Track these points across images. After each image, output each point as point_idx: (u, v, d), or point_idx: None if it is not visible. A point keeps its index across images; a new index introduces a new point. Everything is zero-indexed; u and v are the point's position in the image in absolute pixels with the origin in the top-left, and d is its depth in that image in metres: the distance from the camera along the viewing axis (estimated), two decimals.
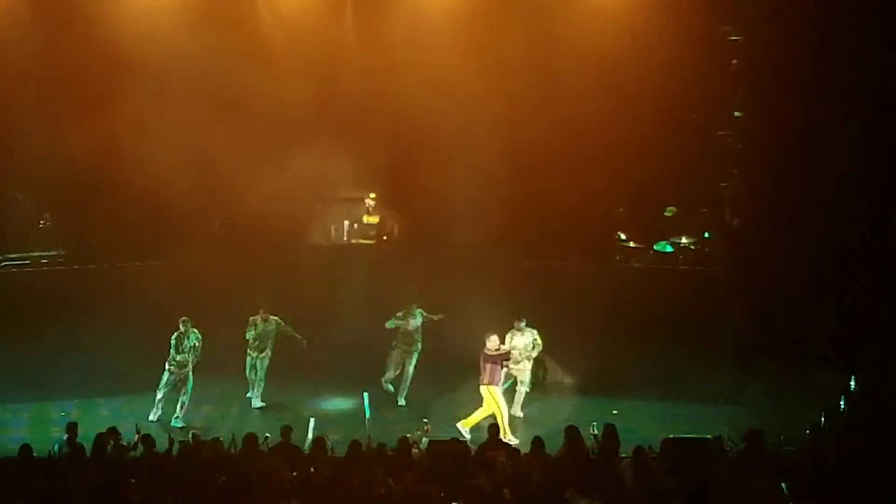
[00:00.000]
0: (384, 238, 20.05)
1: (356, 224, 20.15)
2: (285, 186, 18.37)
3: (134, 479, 12.43)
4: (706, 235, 19.38)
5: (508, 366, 17.09)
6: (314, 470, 12.67)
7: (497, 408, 16.42)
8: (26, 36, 18.67)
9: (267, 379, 18.11)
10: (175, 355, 17.20)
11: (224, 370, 18.28)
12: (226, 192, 19.13)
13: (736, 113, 19.49)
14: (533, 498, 11.82)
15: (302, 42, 19.58)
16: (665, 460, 13.23)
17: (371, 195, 20.06)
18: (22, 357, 17.99)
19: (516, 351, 17.28)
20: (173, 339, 17.22)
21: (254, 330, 18.01)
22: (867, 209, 18.58)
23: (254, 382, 18.15)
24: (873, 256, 18.59)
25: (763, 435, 13.54)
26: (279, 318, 18.07)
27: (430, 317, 18.22)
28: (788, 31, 18.36)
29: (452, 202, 18.70)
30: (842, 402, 15.99)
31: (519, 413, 17.46)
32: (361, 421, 15.14)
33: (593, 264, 19.28)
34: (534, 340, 17.55)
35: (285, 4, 19.84)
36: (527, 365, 17.60)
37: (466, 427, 16.34)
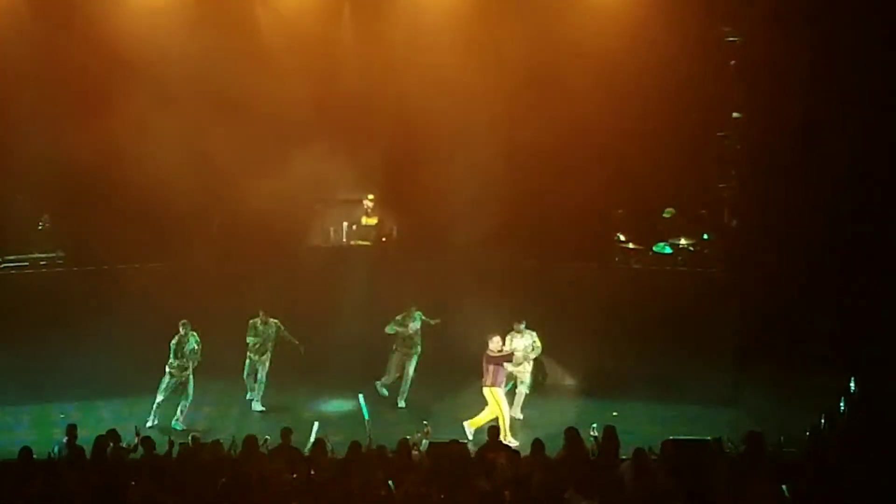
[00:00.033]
0: (383, 240, 20.00)
1: (355, 225, 20.08)
2: (285, 187, 18.36)
3: (134, 482, 12.43)
4: (705, 237, 19.35)
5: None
6: (314, 472, 12.66)
7: (499, 409, 16.42)
8: (26, 36, 18.66)
9: (267, 381, 18.07)
10: (175, 359, 17.14)
11: (224, 371, 18.23)
12: (225, 193, 19.12)
13: (734, 114, 19.46)
14: (533, 500, 11.85)
15: (301, 42, 19.56)
16: (665, 462, 13.24)
17: (369, 196, 20.00)
18: (21, 359, 17.96)
19: (518, 353, 17.27)
20: (173, 344, 17.14)
21: (254, 332, 17.98)
22: (866, 210, 18.60)
23: (253, 386, 18.11)
24: (872, 257, 18.60)
25: (763, 436, 13.54)
26: (279, 321, 18.04)
27: (428, 321, 18.20)
28: (787, 33, 18.34)
29: (452, 202, 18.70)
30: (841, 404, 15.99)
31: (519, 415, 17.43)
32: (361, 422, 15.12)
33: (592, 265, 19.26)
34: (533, 343, 17.53)
35: (285, 5, 19.82)
36: (527, 367, 17.58)
37: (473, 428, 16.31)
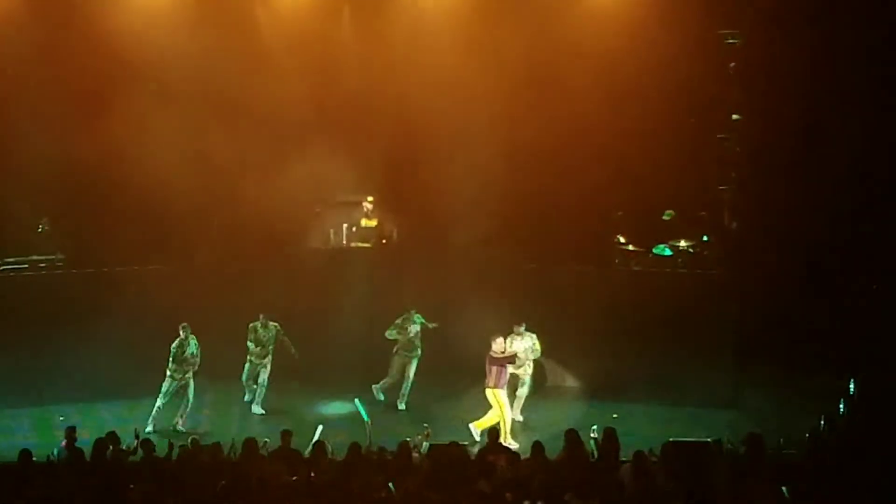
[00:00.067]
0: (383, 241, 19.98)
1: (354, 227, 20.05)
2: (285, 188, 18.36)
3: (133, 484, 12.41)
4: (705, 238, 19.34)
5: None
6: (314, 474, 12.65)
7: (501, 411, 16.41)
8: (26, 36, 18.61)
9: (268, 384, 18.03)
10: (175, 363, 17.09)
11: (223, 373, 18.23)
12: (225, 194, 19.11)
13: (734, 116, 19.48)
14: (533, 502, 11.81)
15: (301, 42, 19.58)
16: (665, 464, 13.23)
17: (369, 198, 19.97)
18: (21, 361, 17.93)
19: (518, 355, 17.25)
20: (174, 347, 17.08)
21: (254, 336, 17.95)
22: (866, 211, 18.58)
23: (253, 388, 18.08)
24: (872, 258, 18.59)
25: (763, 438, 13.54)
26: (278, 325, 18.00)
27: (426, 324, 18.18)
28: (786, 34, 18.36)
29: (452, 203, 18.69)
30: (841, 405, 16.00)
31: (519, 417, 17.42)
32: (361, 424, 15.10)
33: (592, 267, 19.27)
34: (532, 345, 17.52)
35: (285, 5, 19.84)
36: (527, 369, 17.58)
37: (479, 429, 16.27)
